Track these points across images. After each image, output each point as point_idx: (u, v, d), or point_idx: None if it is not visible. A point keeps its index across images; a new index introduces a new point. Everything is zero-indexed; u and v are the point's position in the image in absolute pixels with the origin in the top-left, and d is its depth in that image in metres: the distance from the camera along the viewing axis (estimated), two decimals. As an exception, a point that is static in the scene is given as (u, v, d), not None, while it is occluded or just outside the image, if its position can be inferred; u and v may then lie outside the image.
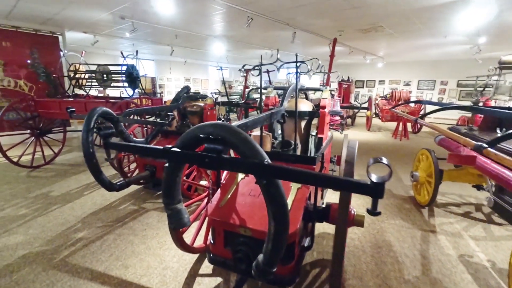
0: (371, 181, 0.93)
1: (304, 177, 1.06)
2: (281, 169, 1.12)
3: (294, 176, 1.09)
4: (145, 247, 2.73)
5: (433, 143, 7.56)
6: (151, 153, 1.45)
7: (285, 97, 2.42)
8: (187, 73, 17.58)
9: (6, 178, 4.53)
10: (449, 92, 12.84)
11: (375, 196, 0.94)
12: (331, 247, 2.80)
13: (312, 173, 1.03)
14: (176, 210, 1.57)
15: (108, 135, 1.66)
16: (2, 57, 6.67)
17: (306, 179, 1.07)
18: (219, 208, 2.01)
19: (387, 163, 0.96)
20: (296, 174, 1.08)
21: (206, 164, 1.28)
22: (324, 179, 1.01)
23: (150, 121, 3.50)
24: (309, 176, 1.05)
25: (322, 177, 1.01)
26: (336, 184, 1.00)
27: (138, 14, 6.02)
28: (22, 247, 2.68)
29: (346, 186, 0.96)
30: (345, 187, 0.96)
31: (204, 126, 1.30)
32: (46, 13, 6.01)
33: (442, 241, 2.89)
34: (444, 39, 7.52)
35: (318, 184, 1.02)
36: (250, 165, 1.17)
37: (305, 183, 1.08)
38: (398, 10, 5.25)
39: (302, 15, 5.73)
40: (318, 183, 1.02)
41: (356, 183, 0.95)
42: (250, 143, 1.21)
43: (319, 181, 1.03)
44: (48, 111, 4.89)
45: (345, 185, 0.96)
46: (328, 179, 1.00)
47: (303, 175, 1.06)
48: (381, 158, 0.97)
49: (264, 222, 1.85)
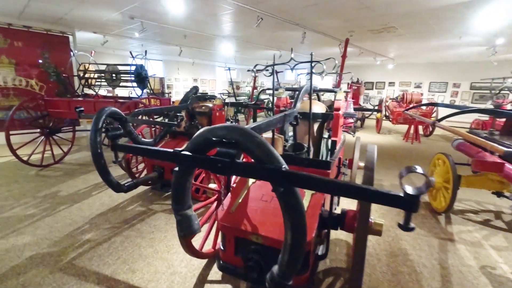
0: (405, 193, 0.84)
1: (328, 186, 0.97)
2: (301, 176, 1.03)
3: (316, 185, 1.01)
4: (153, 251, 2.67)
5: (446, 147, 7.30)
6: (160, 156, 1.39)
7: (298, 98, 2.33)
8: (195, 74, 17.63)
9: (15, 177, 4.55)
10: (462, 94, 12.52)
11: (409, 210, 0.85)
12: (345, 254, 2.70)
13: (337, 182, 0.94)
14: (186, 216, 1.50)
15: (116, 137, 1.60)
16: (14, 56, 6.76)
17: (329, 189, 0.98)
18: (229, 213, 1.93)
19: (423, 173, 0.86)
20: (319, 183, 0.99)
21: (219, 169, 1.21)
22: (351, 190, 0.92)
23: (158, 122, 3.45)
24: (333, 186, 0.96)
25: (349, 187, 0.92)
26: (365, 195, 0.91)
27: (147, 14, 6.01)
28: (30, 248, 2.65)
29: (376, 198, 0.87)
30: (375, 199, 0.87)
31: (216, 129, 1.22)
32: (57, 12, 6.06)
33: (461, 251, 2.75)
34: (459, 40, 7.31)
35: (344, 195, 0.93)
36: (267, 172, 1.09)
37: (328, 193, 0.99)
38: (412, 10, 5.11)
39: (312, 15, 5.62)
40: (343, 193, 0.92)
41: (387, 195, 0.86)
42: (266, 147, 1.13)
43: (344, 191, 0.93)
44: (58, 110, 4.91)
45: (376, 197, 0.87)
46: (356, 189, 0.90)
47: (326, 184, 0.97)
48: (415, 167, 0.88)
49: (277, 229, 1.76)
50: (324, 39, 7.68)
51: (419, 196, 0.82)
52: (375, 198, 0.87)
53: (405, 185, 0.84)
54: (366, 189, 0.87)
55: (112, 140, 1.57)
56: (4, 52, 6.63)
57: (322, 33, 7.07)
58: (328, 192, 1.01)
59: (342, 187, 0.93)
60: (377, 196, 0.86)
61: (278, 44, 9.52)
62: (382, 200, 0.87)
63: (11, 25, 6.58)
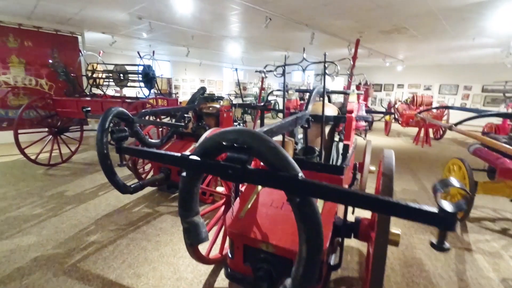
0: (441, 209, 0.75)
1: (351, 198, 0.88)
2: (320, 186, 0.95)
3: (338, 196, 0.92)
4: (159, 254, 2.61)
5: (458, 151, 7.11)
6: (167, 160, 1.32)
7: (310, 100, 2.25)
8: (202, 75, 17.66)
9: (23, 176, 4.56)
10: (473, 97, 12.23)
11: (445, 228, 0.76)
12: (357, 263, 2.60)
13: (362, 195, 0.86)
14: (193, 223, 1.42)
15: (121, 139, 1.54)
16: (24, 56, 6.82)
17: (353, 201, 0.90)
18: (238, 219, 1.86)
19: (460, 186, 0.77)
20: (341, 194, 0.91)
21: (229, 175, 1.13)
22: (378, 204, 0.83)
23: (166, 123, 3.40)
24: (358, 198, 0.87)
25: (375, 201, 0.83)
26: (395, 210, 0.82)
27: (155, 14, 6.00)
28: (35, 249, 2.62)
29: (407, 213, 0.78)
30: (407, 214, 0.78)
31: (227, 132, 1.15)
32: (66, 13, 6.09)
33: (479, 261, 2.62)
34: (472, 42, 7.11)
35: (370, 208, 0.84)
36: (281, 180, 1.01)
37: (350, 205, 0.90)
38: (426, 10, 4.97)
39: (322, 16, 5.53)
40: (369, 206, 0.83)
41: (420, 211, 0.77)
42: (280, 154, 1.05)
43: (371, 204, 0.85)
44: (66, 110, 4.91)
45: (407, 213, 0.78)
46: (385, 204, 0.81)
47: (349, 196, 0.88)
48: (450, 180, 0.79)
49: (288, 238, 1.68)
50: (333, 40, 7.57)
51: (456, 213, 0.73)
52: (406, 213, 0.78)
53: (441, 201, 0.75)
54: (396, 204, 0.79)
55: (117, 143, 1.51)
56: (15, 52, 6.70)
57: (331, 34, 6.96)
58: (351, 205, 0.92)
59: (368, 200, 0.84)
60: (409, 211, 0.78)
61: (285, 45, 9.44)
62: (414, 216, 0.78)
63: (22, 25, 6.64)
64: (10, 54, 6.64)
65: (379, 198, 0.83)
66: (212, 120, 4.31)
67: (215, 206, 2.46)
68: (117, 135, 1.51)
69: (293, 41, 8.50)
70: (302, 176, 1.00)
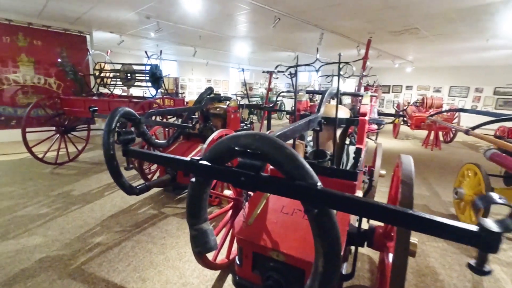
0: (483, 227, 0.67)
1: (378, 212, 0.81)
2: (342, 197, 0.88)
3: (362, 210, 0.85)
4: (164, 258, 2.56)
5: (469, 154, 6.93)
6: (176, 165, 1.26)
7: (323, 102, 2.17)
8: (208, 75, 17.66)
9: (30, 174, 4.57)
10: (484, 100, 11.95)
11: (487, 250, 0.68)
12: (367, 270, 2.51)
13: (391, 209, 0.78)
14: (202, 231, 1.36)
15: (128, 141, 1.48)
16: (34, 55, 6.88)
17: (379, 215, 0.82)
18: (247, 226, 1.79)
19: (507, 203, 0.69)
20: (367, 208, 0.83)
21: (242, 183, 1.07)
22: (409, 219, 0.75)
23: (173, 124, 3.36)
24: (386, 213, 0.79)
25: (406, 216, 0.76)
26: (429, 227, 0.74)
27: (163, 13, 5.98)
28: (40, 250, 2.59)
29: (443, 231, 0.70)
30: (442, 232, 0.71)
31: (240, 137, 1.08)
32: (75, 12, 6.11)
33: (497, 272, 2.51)
34: (486, 43, 6.93)
35: (400, 224, 0.77)
36: (298, 189, 0.94)
37: (377, 220, 0.83)
38: (440, 11, 4.83)
39: (333, 16, 5.43)
40: (398, 222, 0.76)
41: (458, 229, 0.69)
42: (297, 161, 0.98)
43: (400, 220, 0.77)
44: (73, 109, 4.92)
45: (442, 231, 0.70)
46: (417, 220, 0.74)
47: (376, 210, 0.81)
48: (492, 196, 0.71)
49: (300, 247, 1.61)
50: (342, 41, 7.46)
51: (501, 233, 0.65)
52: (441, 231, 0.71)
53: (483, 219, 0.67)
54: (431, 220, 0.71)
55: (124, 145, 1.46)
56: (24, 50, 6.76)
57: (341, 35, 6.85)
58: (378, 219, 0.84)
59: (398, 215, 0.76)
60: (445, 229, 0.70)
61: (293, 46, 9.35)
62: (451, 235, 0.70)
63: (31, 24, 6.69)
64: (19, 53, 6.70)
65: (412, 213, 0.75)
66: (219, 121, 4.26)
67: (223, 210, 2.39)
68: (123, 137, 1.46)
69: (300, 41, 8.41)
70: (321, 186, 0.93)
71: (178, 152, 3.78)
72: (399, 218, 0.76)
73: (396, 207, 0.79)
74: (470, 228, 0.68)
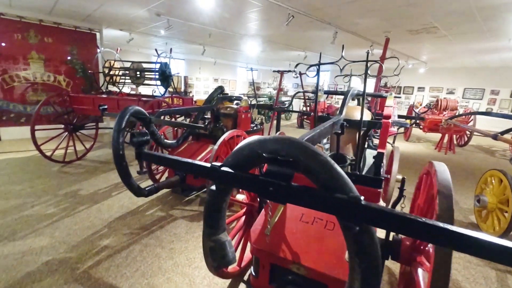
0: None
1: (437, 234, 0.67)
2: (392, 216, 0.75)
3: (418, 231, 0.72)
4: (173, 263, 2.46)
5: (486, 159, 6.67)
6: (194, 170, 1.15)
7: (345, 104, 2.03)
8: (216, 74, 17.60)
9: (39, 172, 4.53)
10: (500, 102, 11.57)
11: None
12: (387, 282, 2.36)
13: (464, 235, 0.65)
14: (220, 242, 1.24)
15: (142, 143, 1.38)
16: (44, 52, 6.88)
17: (447, 240, 0.68)
18: (264, 235, 1.67)
19: None
20: (423, 229, 0.70)
21: (269, 193, 0.95)
22: (489, 248, 0.62)
23: (185, 124, 3.26)
24: (453, 237, 0.66)
25: (481, 243, 0.62)
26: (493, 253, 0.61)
27: (173, 10, 5.91)
28: (47, 251, 2.52)
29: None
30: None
31: (267, 141, 0.96)
32: (86, 9, 6.08)
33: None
34: (508, 43, 6.65)
35: (473, 252, 0.63)
36: (338, 204, 0.82)
37: (435, 243, 0.70)
38: (462, 9, 4.61)
39: (348, 14, 5.27)
40: (470, 250, 0.62)
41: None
42: (334, 170, 0.86)
43: (474, 248, 0.64)
44: (82, 107, 4.87)
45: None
46: (495, 247, 0.60)
47: (435, 231, 0.68)
48: None
49: (323, 259, 1.48)
50: (356, 40, 7.27)
51: None
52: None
53: None
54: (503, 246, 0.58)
55: (138, 148, 1.35)
56: (35, 47, 6.76)
57: (355, 34, 6.67)
58: (437, 243, 0.71)
59: (471, 242, 0.63)
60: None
61: (304, 45, 9.18)
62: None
63: (42, 21, 6.69)
64: (30, 50, 6.71)
65: (485, 240, 0.62)
66: (229, 121, 4.14)
67: (235, 216, 2.28)
68: (137, 139, 1.35)
69: (312, 40, 8.24)
70: (363, 200, 0.81)
71: (188, 153, 3.68)
72: (471, 245, 0.63)
73: (462, 230, 0.65)
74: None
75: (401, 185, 1.55)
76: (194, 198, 3.85)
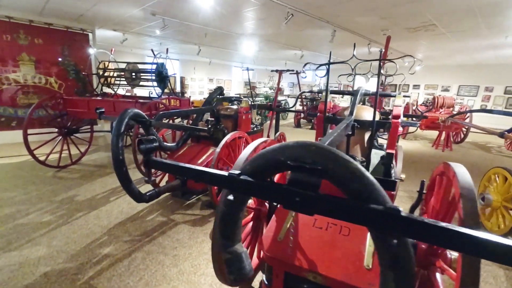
0: None
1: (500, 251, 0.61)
2: (437, 229, 0.69)
3: (470, 246, 0.66)
4: (177, 271, 2.37)
5: (483, 156, 6.73)
6: (209, 179, 1.07)
7: (355, 104, 1.97)
8: (210, 74, 17.46)
9: (32, 178, 4.38)
10: (495, 99, 11.71)
11: None
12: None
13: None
14: (236, 254, 1.16)
15: (151, 150, 1.29)
16: (35, 54, 6.68)
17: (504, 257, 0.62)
18: (277, 242, 1.60)
19: None
20: (474, 244, 0.64)
21: (297, 204, 0.87)
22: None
23: (188, 127, 3.16)
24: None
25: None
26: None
27: (169, 10, 5.79)
28: (45, 262, 2.41)
29: None
30: None
31: (289, 147, 0.89)
32: (78, 8, 5.92)
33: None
34: (505, 40, 6.70)
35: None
36: (373, 215, 0.75)
37: (490, 259, 0.64)
38: (462, 6, 4.59)
39: (347, 12, 5.22)
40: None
41: None
42: (366, 179, 0.79)
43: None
44: (77, 110, 4.72)
45: None
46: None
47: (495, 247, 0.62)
48: None
49: (341, 267, 1.42)
50: (353, 38, 7.24)
51: None
52: None
53: None
54: None
55: (146, 154, 1.27)
56: (25, 49, 6.56)
57: (353, 32, 6.64)
58: (492, 260, 0.65)
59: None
60: None
61: (301, 44, 9.13)
62: None
63: (32, 22, 6.50)
64: (20, 51, 6.51)
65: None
66: (229, 122, 4.06)
67: (243, 222, 2.19)
68: (145, 145, 1.27)
69: (309, 39, 8.19)
70: (403, 211, 0.74)
71: (188, 156, 3.59)
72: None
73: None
74: None
75: (420, 189, 1.50)
76: (195, 201, 3.76)
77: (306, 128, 11.34)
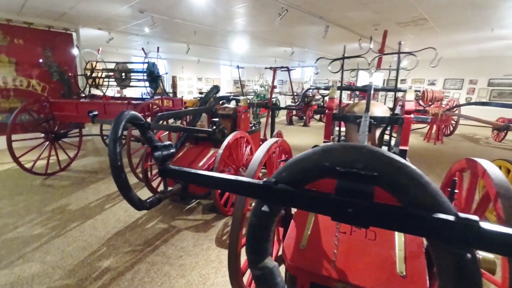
0: None
1: None
2: None
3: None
4: (185, 282, 2.24)
5: (473, 148, 6.89)
6: (241, 189, 0.96)
7: (370, 99, 1.89)
8: (199, 73, 17.17)
9: (19, 188, 4.10)
10: (479, 91, 12.04)
11: None
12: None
13: None
14: (269, 270, 1.05)
15: (167, 157, 1.16)
16: (14, 55, 6.30)
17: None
18: (300, 250, 1.50)
19: None
20: None
21: (349, 216, 0.77)
22: None
23: (189, 128, 3.00)
24: None
25: None
26: None
27: (158, 7, 5.56)
28: (39, 280, 2.22)
29: None
30: None
31: (335, 151, 0.79)
32: (60, 7, 5.60)
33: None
34: (490, 33, 6.84)
35: None
36: (443, 226, 0.66)
37: None
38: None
39: (340, 7, 5.17)
40: None
41: None
42: (429, 186, 0.70)
43: None
44: (65, 113, 4.46)
45: None
46: None
47: None
48: None
49: (371, 274, 1.33)
50: (345, 34, 7.22)
51: None
52: None
53: None
54: None
55: (162, 162, 1.14)
56: (4, 50, 6.17)
57: (345, 28, 6.60)
58: None
59: None
60: None
61: (292, 40, 9.04)
62: None
63: (11, 21, 6.12)
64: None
65: None
66: (228, 122, 3.93)
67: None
68: (162, 152, 1.14)
69: (301, 36, 8.12)
70: (478, 222, 0.65)
71: (189, 159, 3.44)
72: None
73: None
74: None
75: (451, 188, 1.43)
76: (196, 205, 3.62)
77: (298, 125, 11.31)
